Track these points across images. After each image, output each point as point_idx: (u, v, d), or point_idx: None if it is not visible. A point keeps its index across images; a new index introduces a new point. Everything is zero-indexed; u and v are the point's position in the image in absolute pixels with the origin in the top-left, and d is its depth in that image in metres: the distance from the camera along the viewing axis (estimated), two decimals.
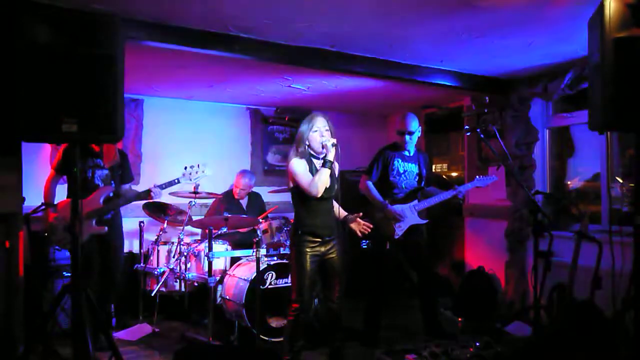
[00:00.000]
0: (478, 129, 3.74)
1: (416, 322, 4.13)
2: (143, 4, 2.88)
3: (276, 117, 6.01)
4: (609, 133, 2.79)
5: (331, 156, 2.92)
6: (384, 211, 3.77)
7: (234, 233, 4.66)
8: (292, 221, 3.21)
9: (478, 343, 3.31)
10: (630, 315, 2.32)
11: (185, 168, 3.79)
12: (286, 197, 3.70)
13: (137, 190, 3.91)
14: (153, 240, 4.38)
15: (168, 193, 4.00)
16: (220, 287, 4.09)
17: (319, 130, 2.99)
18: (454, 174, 5.94)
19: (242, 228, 4.51)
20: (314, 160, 3.06)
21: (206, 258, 3.88)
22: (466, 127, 5.27)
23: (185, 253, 4.15)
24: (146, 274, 4.27)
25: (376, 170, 3.87)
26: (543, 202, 4.48)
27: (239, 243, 4.58)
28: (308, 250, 3.00)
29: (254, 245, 3.64)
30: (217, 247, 4.30)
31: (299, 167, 2.99)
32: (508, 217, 4.73)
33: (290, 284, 3.24)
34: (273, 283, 3.86)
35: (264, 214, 4.89)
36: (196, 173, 3.78)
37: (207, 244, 3.87)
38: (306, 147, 3.04)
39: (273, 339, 3.68)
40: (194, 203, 4.23)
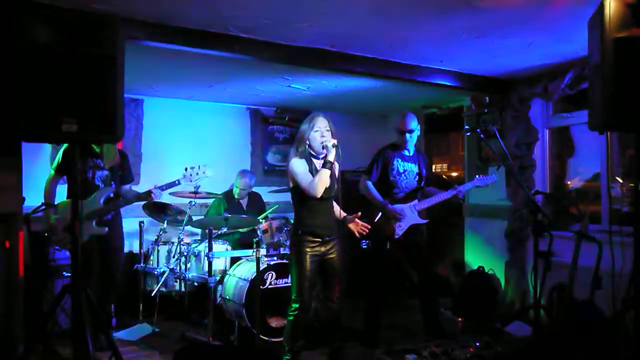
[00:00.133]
0: (478, 129, 3.75)
1: (416, 322, 4.14)
2: (143, 4, 2.88)
3: (276, 117, 6.02)
4: (609, 133, 2.77)
5: (332, 157, 2.92)
6: (384, 211, 3.77)
7: (234, 233, 4.67)
8: (293, 221, 3.21)
9: (478, 343, 3.30)
10: (630, 315, 2.32)
11: (185, 169, 3.76)
12: (286, 197, 3.70)
13: (138, 191, 3.91)
14: (153, 240, 4.38)
15: (168, 193, 4.00)
16: (220, 287, 4.09)
17: (320, 130, 2.99)
18: (454, 174, 5.94)
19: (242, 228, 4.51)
20: (314, 160, 3.06)
21: (206, 258, 3.88)
22: (466, 127, 5.27)
23: (185, 253, 4.15)
24: (146, 274, 4.27)
25: (376, 170, 3.86)
26: (543, 202, 4.48)
27: (239, 243, 4.59)
28: (308, 250, 3.00)
29: (254, 245, 3.64)
30: (217, 247, 4.30)
31: (299, 168, 2.99)
32: (508, 217, 4.74)
33: (290, 284, 3.24)
34: (273, 283, 3.86)
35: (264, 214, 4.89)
36: (197, 174, 3.75)
37: (207, 244, 3.87)
38: (306, 147, 3.04)
39: (273, 339, 3.68)
40: (194, 203, 4.23)
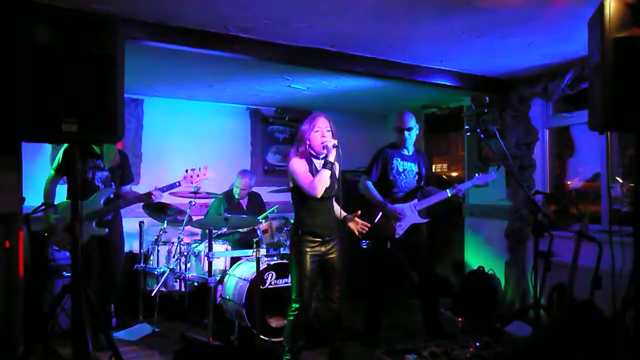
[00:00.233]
0: (478, 129, 3.75)
1: (416, 322, 4.14)
2: (143, 4, 2.88)
3: (276, 117, 6.02)
4: (609, 133, 2.77)
5: (332, 157, 2.92)
6: (384, 210, 3.77)
7: (234, 233, 4.67)
8: (293, 221, 3.21)
9: (478, 343, 3.30)
10: (630, 315, 2.32)
11: (186, 171, 3.75)
12: (286, 197, 3.69)
13: (138, 191, 3.90)
14: (153, 240, 4.38)
15: (168, 193, 4.00)
16: (220, 287, 4.09)
17: (321, 130, 2.99)
18: (454, 174, 5.94)
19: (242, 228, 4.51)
20: (315, 160, 3.06)
21: (206, 258, 3.88)
22: (466, 127, 5.27)
23: (185, 253, 4.15)
24: (146, 274, 4.27)
25: (375, 169, 3.86)
26: (543, 202, 4.48)
27: (239, 243, 4.58)
28: (308, 250, 3.00)
29: (254, 245, 3.64)
30: (217, 247, 4.30)
31: (299, 168, 2.99)
32: (508, 217, 4.74)
33: (290, 284, 3.24)
34: (273, 283, 3.86)
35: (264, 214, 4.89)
36: (197, 176, 3.75)
37: (207, 244, 3.87)
38: (307, 147, 3.03)
39: (273, 339, 3.68)
40: (194, 203, 4.23)
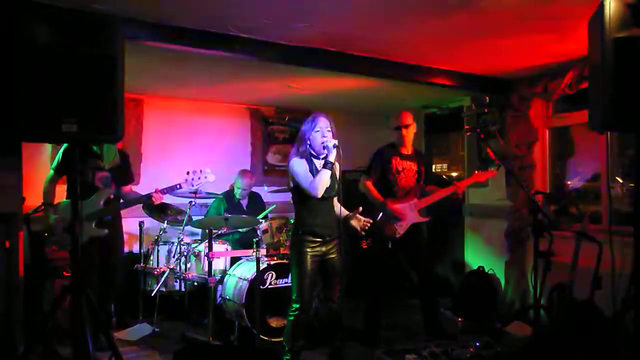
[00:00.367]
0: (478, 129, 3.74)
1: (416, 322, 4.13)
2: (143, 4, 2.87)
3: (276, 117, 6.02)
4: (609, 133, 2.77)
5: (332, 157, 2.92)
6: (385, 210, 3.77)
7: (234, 233, 4.67)
8: (293, 221, 3.21)
9: (478, 343, 3.31)
10: (630, 315, 2.32)
11: (187, 173, 3.74)
12: (286, 197, 3.70)
13: (138, 192, 3.90)
14: (153, 240, 4.38)
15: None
16: (220, 287, 4.09)
17: (321, 130, 2.99)
18: (454, 174, 5.93)
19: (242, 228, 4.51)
20: (315, 160, 3.05)
21: (206, 258, 3.88)
22: (466, 127, 5.27)
23: (185, 253, 4.15)
24: (146, 274, 4.27)
25: (375, 169, 3.87)
26: (543, 202, 4.47)
27: (239, 243, 4.58)
28: (308, 250, 2.99)
29: (254, 245, 3.64)
30: (217, 247, 4.30)
31: (300, 168, 2.99)
32: (508, 217, 4.74)
33: (290, 284, 3.24)
34: (273, 283, 3.86)
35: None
36: (198, 179, 3.73)
37: (207, 244, 3.87)
38: (307, 147, 3.03)
39: (273, 339, 3.67)
40: (194, 203, 4.23)
